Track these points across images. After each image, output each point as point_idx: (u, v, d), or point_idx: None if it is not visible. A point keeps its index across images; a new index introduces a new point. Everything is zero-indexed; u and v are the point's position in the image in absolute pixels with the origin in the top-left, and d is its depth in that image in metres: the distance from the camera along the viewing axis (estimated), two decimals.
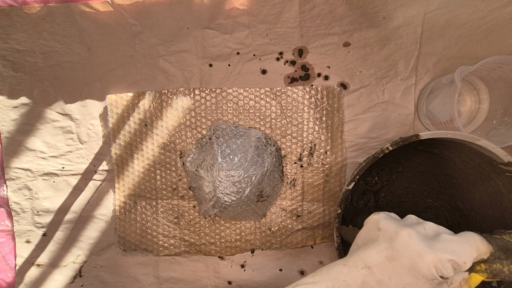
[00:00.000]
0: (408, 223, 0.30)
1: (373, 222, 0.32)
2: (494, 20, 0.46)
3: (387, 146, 0.38)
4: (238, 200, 0.46)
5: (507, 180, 0.39)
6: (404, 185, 0.51)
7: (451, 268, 0.26)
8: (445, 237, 0.28)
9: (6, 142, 0.50)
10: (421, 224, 0.30)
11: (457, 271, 0.27)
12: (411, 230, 0.28)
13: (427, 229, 0.29)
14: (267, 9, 0.47)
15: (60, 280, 0.52)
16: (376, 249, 0.29)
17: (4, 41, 0.49)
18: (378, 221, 0.31)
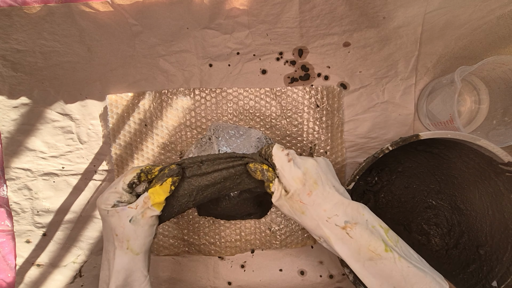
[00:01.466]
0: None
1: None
2: (494, 20, 0.46)
3: (387, 146, 0.39)
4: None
5: (507, 180, 0.39)
6: (404, 185, 0.51)
7: (115, 197, 0.32)
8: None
9: (6, 142, 0.50)
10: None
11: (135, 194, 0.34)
12: None
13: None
14: (267, 9, 0.47)
15: (60, 280, 0.52)
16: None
17: (4, 41, 0.49)
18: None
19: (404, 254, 0.29)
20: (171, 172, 0.35)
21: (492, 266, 0.41)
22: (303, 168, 0.32)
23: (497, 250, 0.41)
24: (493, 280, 0.40)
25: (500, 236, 0.41)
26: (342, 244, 0.30)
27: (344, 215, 0.30)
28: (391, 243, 0.30)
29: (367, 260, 0.30)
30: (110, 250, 0.32)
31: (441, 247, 0.49)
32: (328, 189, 0.32)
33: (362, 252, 0.30)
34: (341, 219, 0.30)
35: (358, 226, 0.30)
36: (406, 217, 0.50)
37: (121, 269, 0.32)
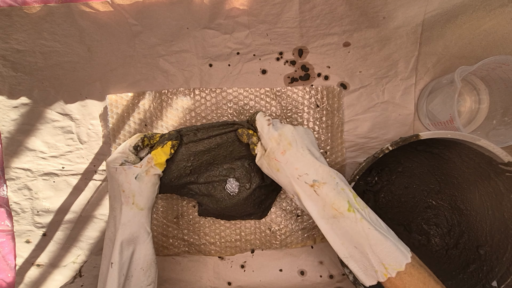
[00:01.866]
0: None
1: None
2: (494, 20, 0.46)
3: (387, 146, 0.39)
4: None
5: (507, 180, 0.39)
6: (404, 185, 0.51)
7: (122, 157, 0.37)
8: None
9: (6, 142, 0.50)
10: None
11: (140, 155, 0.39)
12: None
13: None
14: (267, 9, 0.47)
15: (60, 280, 0.52)
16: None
17: (4, 41, 0.49)
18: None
19: (369, 218, 0.31)
20: (170, 136, 0.39)
21: (492, 266, 0.41)
22: (279, 131, 0.36)
23: (497, 250, 0.41)
24: (493, 280, 0.40)
25: (500, 236, 0.41)
26: (310, 201, 0.33)
27: (314, 174, 0.33)
28: (358, 206, 0.31)
29: (331, 217, 0.32)
30: (117, 207, 0.35)
31: (441, 247, 0.49)
32: (302, 150, 0.34)
33: (326, 210, 0.32)
34: (310, 178, 0.33)
35: (326, 186, 0.32)
36: (406, 217, 0.50)
37: (127, 223, 0.34)
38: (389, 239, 0.30)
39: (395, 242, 0.30)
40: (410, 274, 0.29)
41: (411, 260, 0.29)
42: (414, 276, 0.29)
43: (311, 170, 0.33)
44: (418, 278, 0.29)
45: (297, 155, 0.34)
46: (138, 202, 0.35)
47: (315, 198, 0.33)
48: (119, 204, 0.35)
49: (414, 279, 0.29)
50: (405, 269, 0.29)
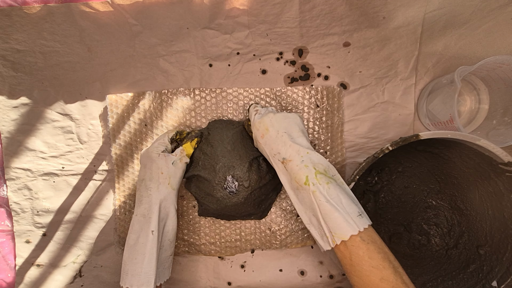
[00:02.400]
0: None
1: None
2: (494, 20, 0.46)
3: (387, 146, 0.39)
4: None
5: (507, 180, 0.39)
6: (404, 185, 0.51)
7: (163, 146, 0.44)
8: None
9: (6, 142, 0.50)
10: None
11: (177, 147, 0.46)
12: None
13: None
14: (267, 9, 0.47)
15: (60, 280, 0.52)
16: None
17: (4, 41, 0.49)
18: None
19: (325, 193, 0.35)
20: (196, 134, 0.47)
21: (492, 266, 0.41)
22: (260, 119, 0.42)
23: (497, 250, 0.41)
24: (493, 280, 0.40)
25: (500, 236, 0.41)
26: (282, 174, 0.39)
27: (284, 153, 0.39)
28: (316, 181, 0.35)
29: (295, 189, 0.38)
30: (153, 187, 0.41)
31: (441, 247, 0.49)
32: (276, 133, 0.40)
33: (292, 182, 0.38)
34: (281, 156, 0.39)
35: (292, 162, 0.38)
36: (406, 217, 0.50)
37: (164, 200, 0.41)
38: (339, 212, 0.33)
39: (345, 215, 0.33)
40: (357, 246, 0.33)
41: (362, 235, 0.33)
42: (360, 248, 0.33)
43: (282, 150, 0.39)
44: (364, 252, 0.32)
45: (273, 138, 0.40)
46: (172, 183, 0.42)
47: (285, 172, 0.39)
48: (156, 184, 0.41)
49: (360, 251, 0.32)
50: (349, 240, 0.33)
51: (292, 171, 0.38)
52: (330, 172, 0.37)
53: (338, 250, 0.34)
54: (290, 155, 0.38)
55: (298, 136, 0.40)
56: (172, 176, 0.42)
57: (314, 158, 0.37)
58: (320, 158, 0.38)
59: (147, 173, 0.42)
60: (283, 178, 0.39)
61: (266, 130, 0.41)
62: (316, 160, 0.37)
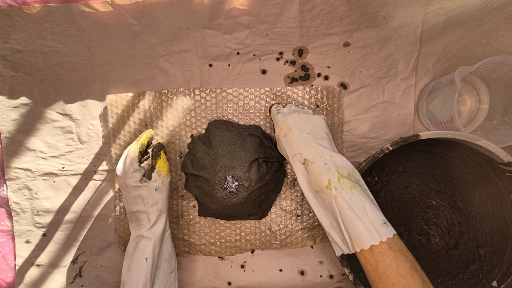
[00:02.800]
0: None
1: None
2: (494, 20, 0.46)
3: (387, 146, 0.39)
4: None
5: (507, 180, 0.39)
6: (404, 185, 0.51)
7: (138, 175, 0.42)
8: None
9: (6, 142, 0.50)
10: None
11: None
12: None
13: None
14: (267, 9, 0.47)
15: (60, 280, 0.52)
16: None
17: (4, 41, 0.49)
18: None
19: (348, 198, 0.34)
20: (159, 147, 0.45)
21: (492, 266, 0.41)
22: (284, 118, 0.42)
23: (497, 250, 0.41)
24: (493, 280, 0.40)
25: (500, 236, 0.41)
26: (301, 176, 0.39)
27: (306, 154, 0.38)
28: (339, 185, 0.35)
29: (315, 191, 0.37)
30: (143, 217, 0.41)
31: (441, 247, 0.49)
32: (300, 134, 0.39)
33: (312, 184, 0.37)
34: (302, 157, 0.38)
35: (314, 164, 0.37)
36: (406, 217, 0.50)
37: (155, 225, 0.41)
38: (361, 219, 0.33)
39: (367, 224, 0.33)
40: (384, 254, 0.32)
41: (389, 242, 0.32)
42: (388, 256, 0.32)
43: (304, 151, 0.38)
44: (391, 260, 0.31)
45: (295, 138, 0.40)
46: (160, 207, 0.42)
47: (305, 174, 0.38)
48: (145, 215, 0.41)
49: (387, 259, 0.32)
50: (377, 246, 0.32)
51: (313, 173, 0.37)
52: (354, 176, 0.36)
53: (362, 256, 0.33)
54: (312, 157, 0.37)
55: (322, 138, 0.39)
56: (159, 201, 0.42)
57: (338, 162, 0.37)
58: (344, 162, 0.37)
59: (133, 205, 0.42)
60: (302, 179, 0.39)
61: (289, 129, 0.40)
62: (340, 163, 0.36)
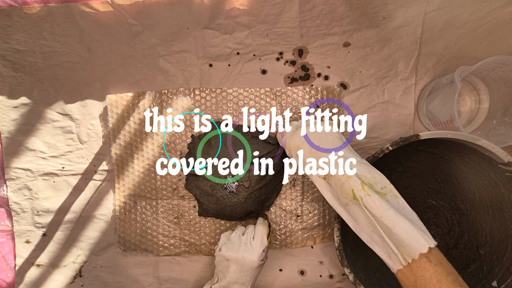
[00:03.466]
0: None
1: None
2: (494, 20, 0.46)
3: (387, 146, 0.38)
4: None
5: (507, 180, 0.39)
6: (404, 185, 0.51)
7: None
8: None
9: (6, 142, 0.50)
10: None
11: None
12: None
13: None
14: (267, 9, 0.47)
15: (60, 280, 0.52)
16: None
17: (4, 41, 0.49)
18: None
19: (379, 203, 0.31)
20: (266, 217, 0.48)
21: (492, 266, 0.41)
22: (290, 139, 0.41)
23: (497, 250, 0.41)
24: (493, 280, 0.40)
25: (500, 236, 0.41)
26: (326, 191, 0.36)
27: (323, 168, 0.36)
28: (365, 193, 0.32)
29: (345, 205, 0.35)
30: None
31: (441, 247, 0.49)
32: (310, 150, 0.38)
33: (340, 198, 0.35)
34: (322, 172, 0.36)
35: (334, 177, 0.35)
36: None
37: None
38: (401, 225, 0.29)
39: (409, 229, 0.30)
40: (423, 268, 0.29)
41: (428, 255, 0.29)
42: (427, 270, 0.29)
43: (320, 165, 0.36)
44: (432, 274, 0.28)
45: (306, 155, 0.38)
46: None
47: (329, 189, 0.36)
48: (239, 285, 0.42)
49: (427, 274, 0.29)
50: (419, 260, 0.29)
51: (337, 186, 0.34)
52: (379, 183, 0.33)
53: (399, 271, 0.31)
54: (330, 169, 0.35)
55: (334, 144, 0.37)
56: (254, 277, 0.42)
57: (358, 167, 0.34)
58: (365, 168, 0.34)
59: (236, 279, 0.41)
60: (328, 195, 0.36)
61: (298, 148, 0.39)
62: (360, 169, 0.34)
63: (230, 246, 0.42)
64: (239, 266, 0.41)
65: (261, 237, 0.42)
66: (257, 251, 0.41)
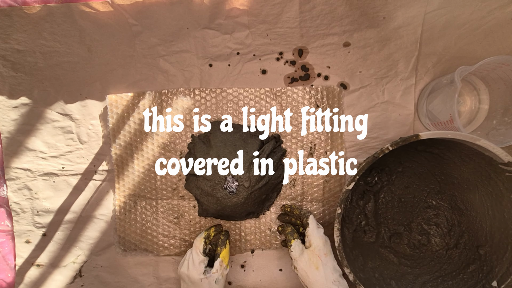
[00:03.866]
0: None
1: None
2: (494, 20, 0.46)
3: (387, 146, 0.38)
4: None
5: (507, 180, 0.39)
6: (404, 185, 0.51)
7: (202, 266, 0.44)
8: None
9: (6, 142, 0.50)
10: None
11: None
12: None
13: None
14: (267, 9, 0.47)
15: (60, 280, 0.52)
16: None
17: (4, 41, 0.49)
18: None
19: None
20: (226, 235, 0.48)
21: (492, 266, 0.41)
22: (325, 237, 0.43)
23: (497, 250, 0.41)
24: (493, 280, 0.40)
25: (500, 236, 0.41)
26: None
27: (341, 282, 0.40)
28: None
29: None
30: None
31: (441, 247, 0.49)
32: (333, 261, 0.42)
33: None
34: (341, 285, 0.40)
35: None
36: (406, 217, 0.50)
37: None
38: None
39: None
40: None
41: None
42: None
43: (340, 280, 0.40)
44: None
45: (332, 262, 0.41)
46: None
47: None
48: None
49: None
50: None
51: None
52: None
53: None
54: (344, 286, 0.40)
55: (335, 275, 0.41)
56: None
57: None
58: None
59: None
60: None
61: (329, 252, 0.42)
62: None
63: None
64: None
65: (222, 272, 0.44)
66: (221, 284, 0.44)
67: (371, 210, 0.50)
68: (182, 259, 0.46)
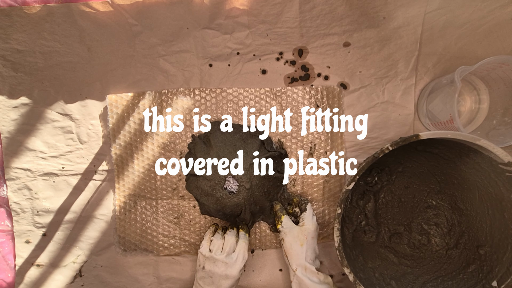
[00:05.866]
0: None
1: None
2: (494, 20, 0.46)
3: (387, 146, 0.38)
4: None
5: (507, 180, 0.39)
6: (404, 185, 0.51)
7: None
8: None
9: (6, 142, 0.50)
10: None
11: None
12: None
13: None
14: (267, 9, 0.47)
15: (60, 280, 0.52)
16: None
17: (4, 41, 0.49)
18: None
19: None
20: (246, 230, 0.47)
21: (492, 266, 0.41)
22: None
23: (497, 250, 0.41)
24: (493, 280, 0.40)
25: (500, 236, 0.41)
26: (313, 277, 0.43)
27: (316, 263, 0.45)
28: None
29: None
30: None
31: (441, 247, 0.49)
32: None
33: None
34: (316, 263, 0.45)
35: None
36: (406, 217, 0.50)
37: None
38: None
39: None
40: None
41: None
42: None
43: (315, 261, 0.44)
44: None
45: (314, 245, 0.45)
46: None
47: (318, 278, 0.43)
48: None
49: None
50: None
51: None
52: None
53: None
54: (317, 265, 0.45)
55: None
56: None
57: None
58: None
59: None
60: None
61: (316, 237, 0.46)
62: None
63: (213, 265, 0.43)
64: (221, 280, 0.43)
65: (243, 253, 0.44)
66: (238, 267, 0.43)
67: (371, 210, 0.50)
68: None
